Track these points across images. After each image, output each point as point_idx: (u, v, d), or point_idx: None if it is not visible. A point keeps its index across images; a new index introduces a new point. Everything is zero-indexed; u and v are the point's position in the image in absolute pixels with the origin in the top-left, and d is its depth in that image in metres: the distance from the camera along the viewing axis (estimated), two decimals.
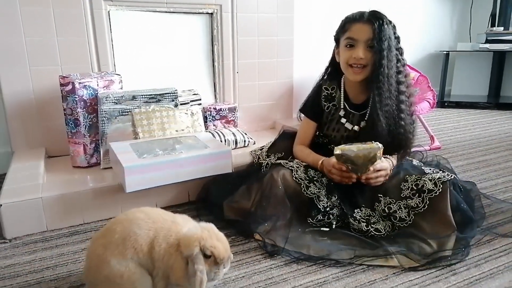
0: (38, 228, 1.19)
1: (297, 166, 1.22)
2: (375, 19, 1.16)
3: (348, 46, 1.21)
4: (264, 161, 1.35)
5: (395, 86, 1.19)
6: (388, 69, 1.16)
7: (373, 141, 1.13)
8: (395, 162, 1.25)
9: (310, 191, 1.17)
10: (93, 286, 0.82)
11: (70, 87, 1.42)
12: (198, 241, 0.77)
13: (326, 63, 1.39)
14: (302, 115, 1.40)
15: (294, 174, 1.19)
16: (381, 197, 1.16)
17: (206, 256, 0.78)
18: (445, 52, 3.03)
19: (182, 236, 0.79)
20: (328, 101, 1.33)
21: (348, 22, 1.22)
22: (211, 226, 0.83)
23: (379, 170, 1.15)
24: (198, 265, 0.76)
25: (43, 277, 0.97)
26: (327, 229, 1.14)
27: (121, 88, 1.61)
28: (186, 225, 0.83)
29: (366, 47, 1.18)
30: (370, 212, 1.15)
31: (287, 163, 1.23)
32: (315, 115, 1.35)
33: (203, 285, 0.76)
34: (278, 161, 1.28)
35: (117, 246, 0.79)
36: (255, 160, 1.37)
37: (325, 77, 1.37)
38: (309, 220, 1.15)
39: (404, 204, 1.12)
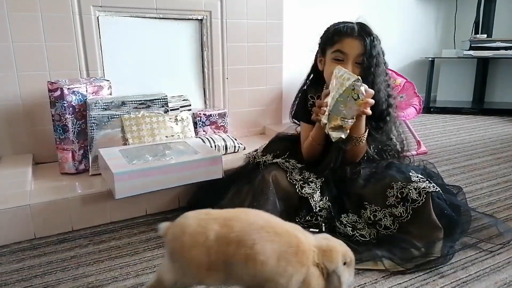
0: (26, 235, 1.18)
1: (292, 167, 1.24)
2: (366, 34, 1.17)
3: (336, 59, 1.21)
4: (261, 159, 1.32)
5: (384, 101, 1.23)
6: (376, 85, 1.18)
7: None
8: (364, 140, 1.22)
9: (305, 191, 1.18)
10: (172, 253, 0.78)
11: (58, 92, 1.41)
12: (341, 254, 0.78)
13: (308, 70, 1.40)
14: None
15: (289, 176, 1.20)
16: (367, 204, 1.17)
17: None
18: (430, 58, 3.08)
19: (323, 249, 0.78)
20: None
21: (337, 35, 1.21)
22: (329, 236, 0.83)
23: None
24: (343, 278, 0.78)
25: (32, 285, 0.95)
26: (316, 230, 1.15)
27: (110, 94, 1.60)
28: (302, 237, 0.79)
29: (354, 62, 1.19)
30: (357, 219, 1.17)
31: (283, 163, 1.24)
32: (309, 119, 1.36)
33: None
34: (275, 160, 1.28)
35: (226, 244, 0.74)
36: (251, 160, 1.36)
37: (308, 84, 1.38)
38: (297, 219, 1.16)
39: (389, 212, 1.13)
